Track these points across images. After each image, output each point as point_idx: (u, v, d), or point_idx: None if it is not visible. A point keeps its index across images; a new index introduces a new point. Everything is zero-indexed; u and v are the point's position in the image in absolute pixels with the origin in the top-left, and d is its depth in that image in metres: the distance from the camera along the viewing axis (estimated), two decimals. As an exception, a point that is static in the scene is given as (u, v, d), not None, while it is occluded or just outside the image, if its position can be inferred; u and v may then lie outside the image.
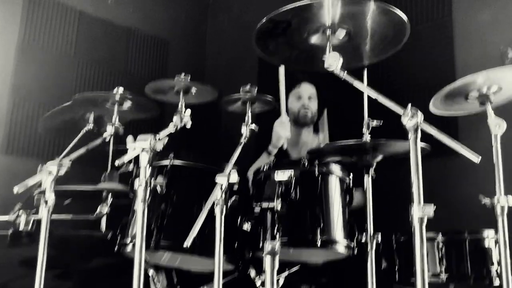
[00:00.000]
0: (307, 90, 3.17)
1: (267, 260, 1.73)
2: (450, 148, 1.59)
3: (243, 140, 2.15)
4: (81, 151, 2.21)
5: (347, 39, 1.92)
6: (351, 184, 2.19)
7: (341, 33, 1.87)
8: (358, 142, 2.12)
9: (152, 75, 4.27)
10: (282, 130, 2.81)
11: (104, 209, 2.44)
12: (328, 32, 1.85)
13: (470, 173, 2.82)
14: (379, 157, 2.16)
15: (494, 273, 2.15)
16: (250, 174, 2.29)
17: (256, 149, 2.91)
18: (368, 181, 2.16)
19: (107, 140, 2.38)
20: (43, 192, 1.94)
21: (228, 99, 2.35)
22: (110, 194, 2.47)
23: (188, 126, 2.14)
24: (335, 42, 1.89)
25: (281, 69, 2.78)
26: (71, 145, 2.60)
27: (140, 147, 1.74)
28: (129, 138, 2.37)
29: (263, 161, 2.72)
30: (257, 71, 4.23)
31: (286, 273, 2.21)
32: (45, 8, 3.74)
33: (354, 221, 2.11)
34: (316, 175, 2.07)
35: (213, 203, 1.74)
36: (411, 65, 3.41)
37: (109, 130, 2.36)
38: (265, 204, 1.76)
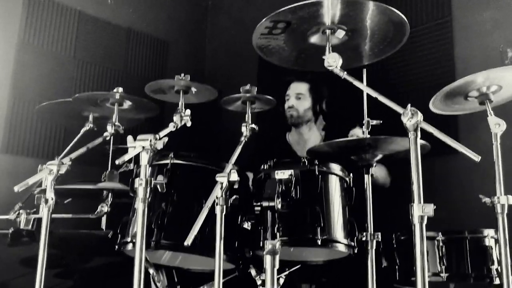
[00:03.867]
0: (295, 89, 3.12)
1: (267, 259, 1.73)
2: (450, 148, 1.59)
3: (243, 139, 2.16)
4: (82, 150, 2.22)
5: (346, 39, 1.92)
6: (351, 183, 2.20)
7: (340, 33, 1.88)
8: (356, 139, 2.12)
9: (152, 75, 4.28)
10: None
11: (104, 208, 2.44)
12: (328, 32, 1.86)
13: (470, 172, 2.82)
14: (379, 156, 2.16)
15: (494, 272, 2.15)
16: None
17: (256, 148, 2.91)
18: (368, 180, 2.16)
19: (107, 139, 2.38)
20: (44, 191, 1.95)
21: (228, 99, 2.35)
22: (110, 193, 2.47)
23: (188, 125, 2.15)
24: (335, 42, 1.89)
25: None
26: (71, 145, 2.60)
27: (140, 146, 1.74)
28: (129, 138, 2.37)
29: None
30: (257, 71, 4.23)
31: (286, 272, 2.21)
32: (45, 8, 3.74)
33: (354, 220, 2.11)
34: (316, 174, 2.07)
35: (214, 202, 1.74)
36: (411, 65, 3.42)
37: (109, 129, 2.36)
38: (265, 203, 1.76)
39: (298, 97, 3.11)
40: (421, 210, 1.45)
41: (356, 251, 2.07)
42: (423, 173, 1.48)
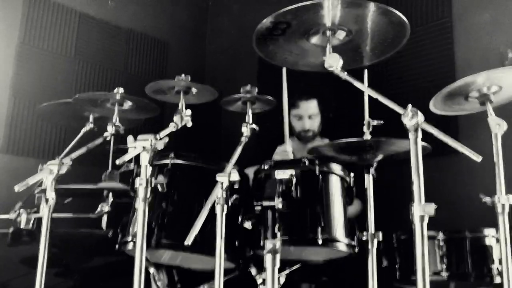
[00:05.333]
0: (307, 110, 3.11)
1: (267, 258, 1.72)
2: (450, 148, 1.59)
3: (243, 140, 2.16)
4: (82, 150, 2.22)
5: (347, 40, 1.92)
6: (351, 183, 2.20)
7: (341, 34, 1.88)
8: (358, 140, 2.12)
9: (152, 75, 4.28)
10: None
11: (104, 208, 2.44)
12: (328, 33, 1.86)
13: (471, 172, 2.82)
14: (380, 157, 2.16)
15: (494, 271, 2.16)
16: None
17: (256, 148, 2.91)
18: (369, 180, 2.16)
19: (107, 139, 2.38)
20: (44, 191, 1.95)
21: (228, 99, 2.35)
22: (111, 193, 2.47)
23: (189, 125, 2.15)
24: (335, 43, 1.89)
25: (284, 71, 2.69)
26: (71, 145, 2.61)
27: (141, 146, 1.75)
28: (130, 138, 2.37)
29: None
30: (257, 71, 4.23)
31: (287, 272, 2.21)
32: (45, 8, 3.74)
33: (355, 219, 2.11)
34: (317, 173, 2.07)
35: (214, 202, 1.74)
36: (411, 66, 3.42)
37: (110, 129, 2.36)
38: (266, 203, 1.76)
39: (311, 117, 3.12)
40: (422, 209, 1.45)
41: (356, 250, 2.08)
42: (424, 172, 1.49)
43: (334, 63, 1.77)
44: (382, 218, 2.16)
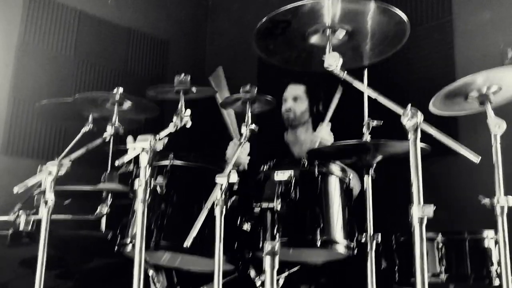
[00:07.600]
0: (292, 91, 3.13)
1: (267, 260, 1.72)
2: (450, 148, 1.58)
3: (243, 140, 2.15)
4: (81, 151, 2.21)
5: (347, 39, 1.92)
6: (351, 184, 2.19)
7: (341, 33, 1.87)
8: (358, 142, 2.12)
9: (152, 75, 4.28)
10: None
11: (104, 209, 2.44)
12: (328, 32, 1.85)
13: (470, 173, 2.82)
14: (379, 157, 2.16)
15: (494, 273, 2.16)
16: None
17: (256, 148, 2.91)
18: (368, 181, 2.16)
19: (107, 140, 2.38)
20: (43, 192, 1.95)
21: (228, 99, 2.35)
22: (110, 194, 2.47)
23: (188, 126, 2.14)
24: (335, 42, 1.88)
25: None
26: (71, 145, 2.60)
27: (140, 147, 1.74)
28: (129, 138, 2.37)
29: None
30: (257, 71, 4.23)
31: (286, 273, 2.21)
32: (45, 8, 3.74)
33: (354, 221, 2.11)
34: (316, 175, 2.07)
35: (213, 203, 1.74)
36: (411, 65, 3.42)
37: (109, 130, 2.36)
38: (265, 204, 1.76)
39: (295, 99, 3.12)
40: (420, 211, 1.44)
41: (355, 252, 2.07)
42: (422, 174, 1.48)
43: (333, 62, 1.77)
44: (381, 219, 2.16)
